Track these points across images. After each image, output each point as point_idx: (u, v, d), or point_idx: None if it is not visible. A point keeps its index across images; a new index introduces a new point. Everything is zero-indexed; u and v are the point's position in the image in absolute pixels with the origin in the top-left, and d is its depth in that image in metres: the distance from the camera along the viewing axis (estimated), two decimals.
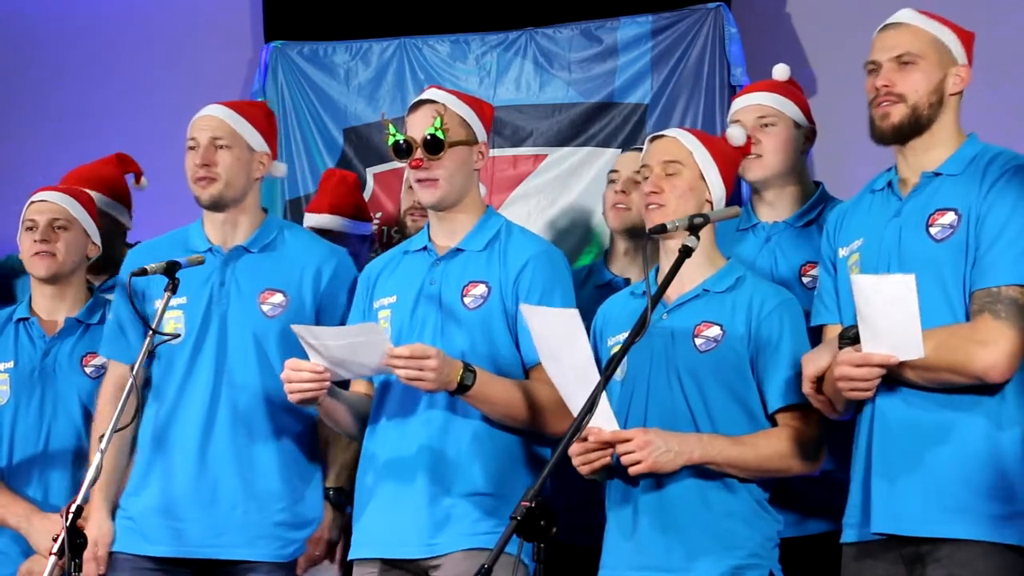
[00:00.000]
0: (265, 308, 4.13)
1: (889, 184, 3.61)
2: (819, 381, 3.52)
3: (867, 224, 3.61)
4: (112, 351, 4.25)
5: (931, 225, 3.48)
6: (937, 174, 3.53)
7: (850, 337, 3.43)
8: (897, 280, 3.27)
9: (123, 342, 4.21)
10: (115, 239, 4.91)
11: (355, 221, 5.12)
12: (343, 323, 4.07)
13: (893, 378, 3.39)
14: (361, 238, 5.12)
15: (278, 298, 4.14)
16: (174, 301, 4.01)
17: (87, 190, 4.71)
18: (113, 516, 4.13)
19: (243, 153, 4.17)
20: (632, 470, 3.54)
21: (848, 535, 3.54)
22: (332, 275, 4.17)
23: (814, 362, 3.52)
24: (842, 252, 3.65)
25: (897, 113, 3.54)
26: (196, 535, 4.05)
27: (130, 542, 4.09)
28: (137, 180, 5.02)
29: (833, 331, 3.61)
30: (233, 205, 4.17)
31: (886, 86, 3.54)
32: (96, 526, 4.09)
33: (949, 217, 3.47)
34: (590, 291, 4.39)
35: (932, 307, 3.39)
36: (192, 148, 4.16)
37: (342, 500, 4.22)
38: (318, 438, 4.20)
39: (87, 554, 4.02)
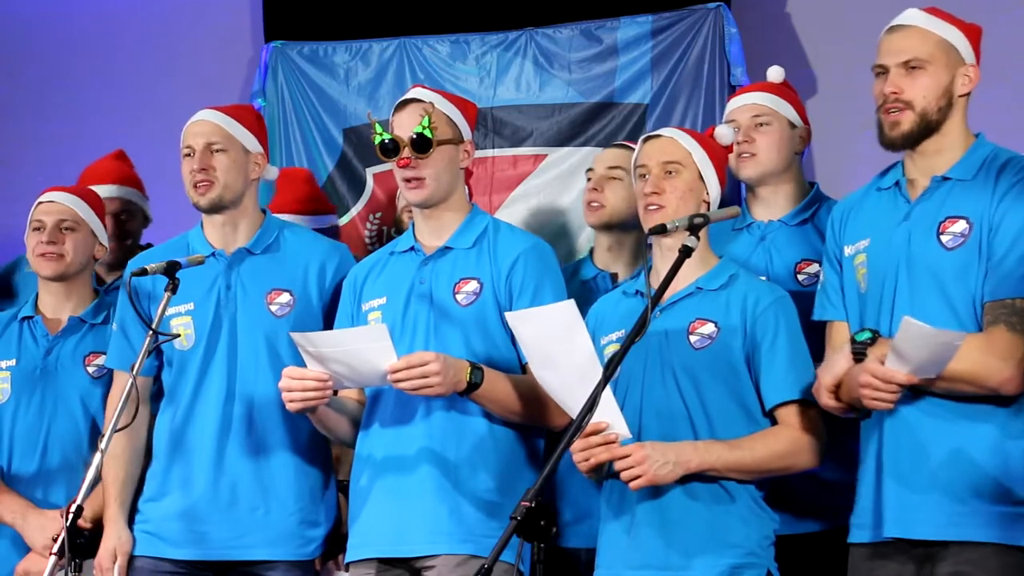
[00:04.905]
0: (273, 308, 4.14)
1: (897, 184, 3.60)
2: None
3: (874, 224, 3.60)
4: (118, 362, 4.24)
5: (942, 233, 3.47)
6: (947, 178, 3.52)
7: (862, 342, 3.43)
8: (948, 337, 3.25)
9: (128, 352, 4.20)
10: (139, 236, 4.99)
11: (313, 216, 5.10)
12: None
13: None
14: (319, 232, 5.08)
15: (285, 298, 4.15)
16: (182, 307, 4.07)
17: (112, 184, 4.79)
18: (130, 523, 4.13)
19: (239, 155, 4.18)
20: (632, 485, 3.54)
21: (858, 536, 3.54)
22: (336, 271, 4.18)
23: (831, 371, 3.50)
24: (848, 250, 3.64)
25: (907, 121, 3.52)
26: (218, 538, 4.07)
27: (150, 546, 4.10)
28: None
29: (839, 328, 3.61)
30: (232, 207, 4.18)
31: (895, 93, 3.52)
32: (115, 535, 4.10)
33: (960, 225, 3.45)
34: (576, 286, 4.41)
35: (937, 316, 3.39)
36: (188, 155, 4.17)
37: None
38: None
39: (106, 563, 4.04)
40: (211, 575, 4.11)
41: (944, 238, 3.46)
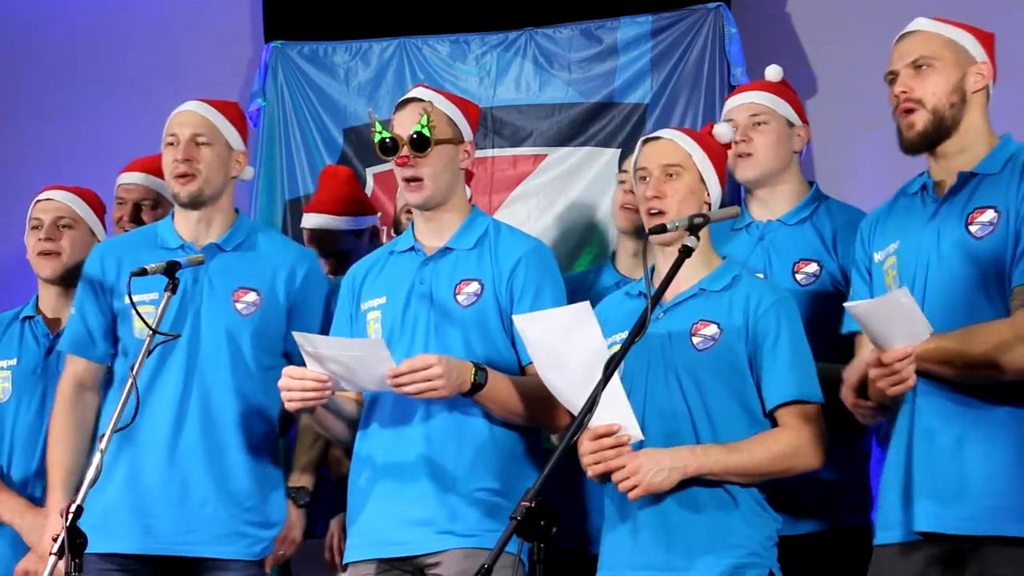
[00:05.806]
0: (239, 306, 4.12)
1: (924, 188, 3.60)
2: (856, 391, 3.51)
3: (903, 227, 3.59)
4: (75, 347, 4.21)
5: (970, 223, 3.46)
6: (974, 174, 3.52)
7: None
8: (894, 298, 3.27)
9: (84, 337, 4.19)
10: None
11: (352, 217, 5.10)
12: (312, 326, 4.06)
13: (931, 378, 3.38)
14: (355, 233, 5.09)
15: (252, 297, 4.14)
16: (146, 296, 3.98)
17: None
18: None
19: (223, 150, 4.18)
20: (630, 496, 3.54)
21: (885, 536, 3.50)
22: (305, 276, 4.18)
23: (855, 371, 3.50)
24: (878, 256, 3.63)
25: (920, 120, 3.53)
26: (165, 532, 4.03)
27: (93, 541, 4.04)
28: None
29: (867, 340, 3.60)
30: (210, 203, 4.17)
31: (905, 92, 3.54)
32: (59, 522, 4.05)
33: (989, 215, 3.45)
34: (599, 292, 4.39)
35: (977, 305, 3.39)
36: (171, 144, 4.16)
37: (304, 499, 4.23)
38: (280, 439, 4.20)
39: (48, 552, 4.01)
40: (153, 572, 4.06)
41: (973, 228, 3.46)
